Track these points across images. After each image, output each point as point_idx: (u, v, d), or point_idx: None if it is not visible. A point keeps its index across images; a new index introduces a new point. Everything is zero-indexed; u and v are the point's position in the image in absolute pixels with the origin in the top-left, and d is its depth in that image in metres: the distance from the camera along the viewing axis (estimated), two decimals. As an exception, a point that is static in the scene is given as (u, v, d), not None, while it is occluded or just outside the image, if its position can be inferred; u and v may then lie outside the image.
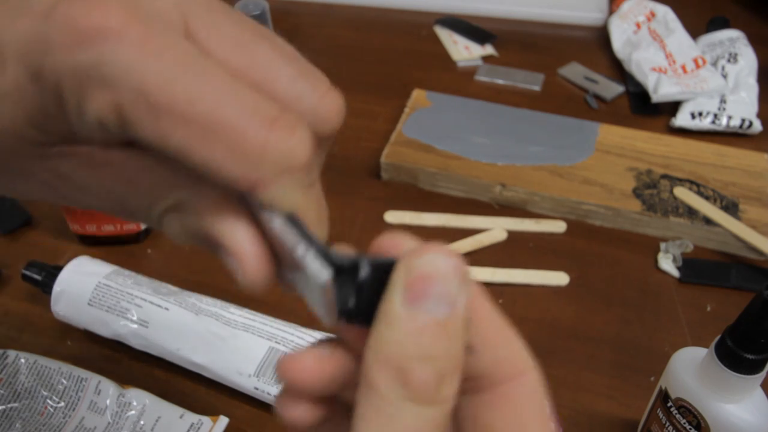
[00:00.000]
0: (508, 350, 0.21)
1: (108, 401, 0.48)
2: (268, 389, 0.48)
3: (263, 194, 0.19)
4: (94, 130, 0.19)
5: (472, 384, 0.21)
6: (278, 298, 0.56)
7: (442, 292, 0.18)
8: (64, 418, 0.48)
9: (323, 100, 0.22)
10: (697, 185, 0.65)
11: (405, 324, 0.18)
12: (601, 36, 0.89)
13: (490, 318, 0.21)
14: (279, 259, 0.21)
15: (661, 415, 0.43)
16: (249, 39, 0.21)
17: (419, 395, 0.18)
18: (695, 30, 0.82)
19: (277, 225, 0.20)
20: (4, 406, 0.48)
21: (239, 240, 0.20)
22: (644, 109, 0.77)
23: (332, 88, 0.23)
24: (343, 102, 0.23)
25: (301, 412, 0.22)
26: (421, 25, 0.92)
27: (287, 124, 0.19)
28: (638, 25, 0.83)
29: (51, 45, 0.18)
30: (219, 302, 0.53)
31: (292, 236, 0.20)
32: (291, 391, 0.22)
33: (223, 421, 0.48)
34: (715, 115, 0.73)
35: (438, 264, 0.18)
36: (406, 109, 0.74)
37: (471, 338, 0.20)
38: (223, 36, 0.20)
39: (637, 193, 0.64)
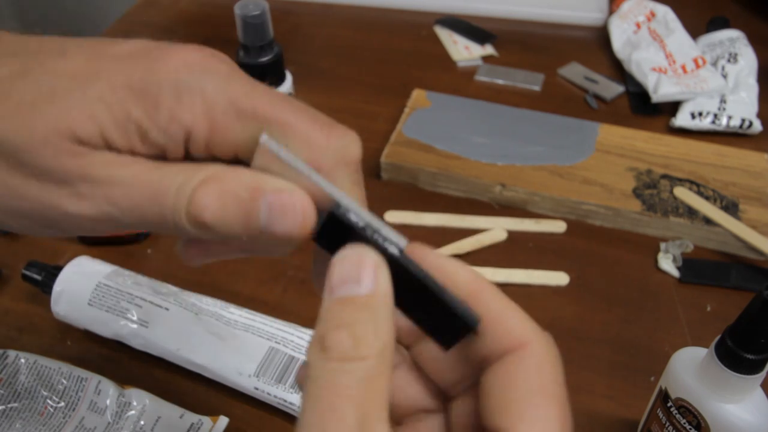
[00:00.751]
0: (511, 323, 0.24)
1: (108, 401, 0.48)
2: (268, 389, 0.48)
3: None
4: (174, 138, 0.24)
5: (485, 360, 0.23)
6: (278, 298, 0.56)
7: (356, 277, 0.22)
8: (64, 418, 0.48)
9: (350, 146, 0.28)
10: (697, 185, 0.65)
11: (326, 307, 0.22)
12: (601, 36, 0.89)
13: (491, 295, 0.25)
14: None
15: (661, 415, 0.43)
16: (281, 98, 0.26)
17: (336, 354, 0.21)
18: (695, 30, 0.82)
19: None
20: (4, 406, 0.48)
21: (288, 185, 0.24)
22: (644, 109, 0.77)
23: (355, 136, 0.28)
24: (360, 146, 0.28)
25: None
26: (421, 25, 0.92)
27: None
28: (638, 25, 0.83)
29: (154, 68, 0.24)
30: (219, 302, 0.53)
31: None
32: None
33: (223, 421, 0.48)
34: (715, 115, 0.73)
35: (353, 259, 0.23)
36: (406, 109, 0.74)
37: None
38: (261, 93, 0.25)
39: (637, 193, 0.64)
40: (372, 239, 0.23)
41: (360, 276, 0.22)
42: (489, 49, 0.86)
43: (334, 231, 0.24)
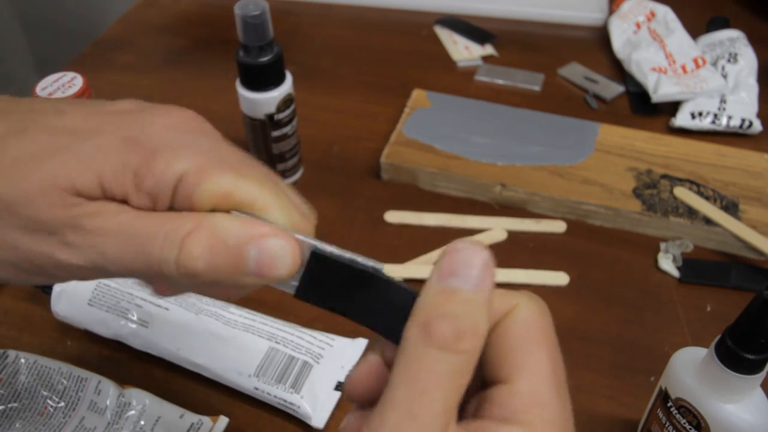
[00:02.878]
0: (499, 300, 0.25)
1: (108, 401, 0.48)
2: (268, 389, 0.48)
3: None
4: (166, 186, 0.25)
5: None
6: (278, 298, 0.56)
7: (466, 273, 0.23)
8: (64, 418, 0.48)
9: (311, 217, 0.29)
10: (697, 185, 0.65)
11: (434, 292, 0.23)
12: (601, 36, 0.89)
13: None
14: None
15: (661, 415, 0.43)
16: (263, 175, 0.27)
17: (438, 342, 0.22)
18: (695, 30, 0.82)
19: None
20: (4, 406, 0.48)
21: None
22: (644, 109, 0.77)
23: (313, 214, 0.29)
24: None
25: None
26: (421, 25, 0.92)
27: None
28: (638, 25, 0.83)
29: (153, 123, 0.26)
30: (219, 302, 0.53)
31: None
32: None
33: (223, 421, 0.48)
34: (715, 115, 0.73)
35: (468, 253, 0.24)
36: (406, 109, 0.74)
37: None
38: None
39: (637, 193, 0.64)
40: (355, 263, 0.25)
41: (470, 270, 0.23)
42: (489, 49, 0.86)
43: (317, 270, 0.25)
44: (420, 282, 0.61)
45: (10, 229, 0.26)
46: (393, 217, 0.65)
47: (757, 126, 0.73)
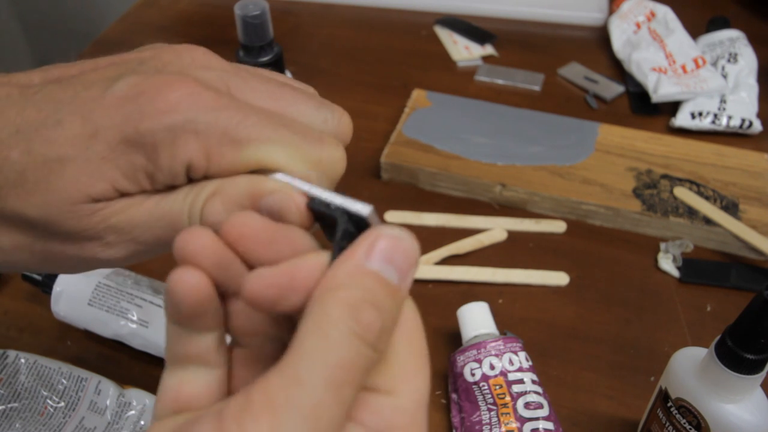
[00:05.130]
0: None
1: (108, 401, 0.48)
2: (268, 389, 0.48)
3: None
4: (178, 174, 0.26)
5: None
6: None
7: (400, 264, 0.22)
8: (64, 418, 0.48)
9: (341, 121, 0.30)
10: (697, 185, 0.65)
11: (366, 276, 0.21)
12: (601, 36, 0.89)
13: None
14: None
15: (661, 415, 0.43)
16: (275, 89, 0.28)
17: (364, 333, 0.20)
18: (695, 30, 0.82)
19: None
20: (4, 406, 0.48)
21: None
22: (644, 109, 0.77)
23: (344, 112, 0.30)
24: (351, 121, 0.30)
25: (190, 281, 0.23)
26: (421, 25, 0.92)
27: (331, 142, 0.28)
28: (638, 25, 0.83)
29: (145, 115, 0.25)
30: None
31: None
32: (184, 263, 0.24)
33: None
34: (715, 115, 0.73)
35: (408, 247, 0.23)
36: (406, 109, 0.74)
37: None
38: (256, 91, 0.28)
39: (637, 193, 0.64)
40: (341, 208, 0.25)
41: (408, 267, 0.22)
42: (489, 49, 0.86)
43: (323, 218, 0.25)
44: (419, 282, 0.61)
45: (53, 243, 0.27)
46: (393, 217, 0.65)
47: (757, 126, 0.73)
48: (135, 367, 0.53)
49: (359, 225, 0.24)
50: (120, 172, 0.26)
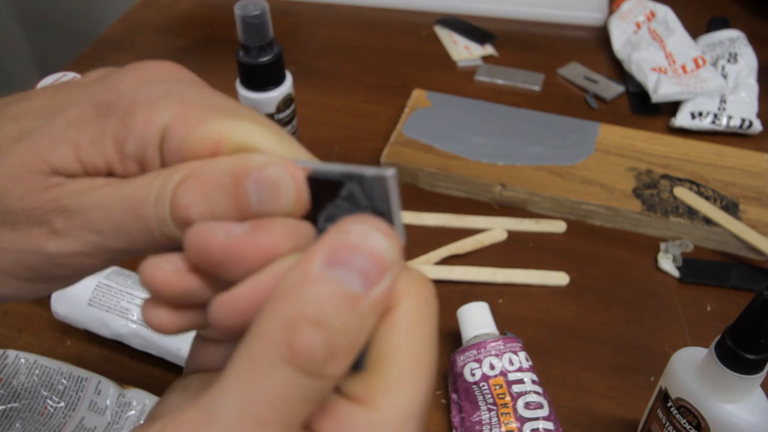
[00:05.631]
0: None
1: (108, 401, 0.48)
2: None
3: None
4: (151, 141, 0.22)
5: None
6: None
7: (362, 267, 0.18)
8: (64, 418, 0.48)
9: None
10: (697, 185, 0.65)
11: (313, 283, 0.18)
12: (601, 36, 0.89)
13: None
14: None
15: (661, 415, 0.43)
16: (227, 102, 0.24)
17: (298, 361, 0.17)
18: (695, 30, 0.82)
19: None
20: (4, 406, 0.48)
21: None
22: (644, 109, 0.77)
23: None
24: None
25: (162, 317, 0.21)
26: (421, 25, 0.92)
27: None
28: (638, 25, 0.83)
29: (124, 81, 0.23)
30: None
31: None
32: (154, 297, 0.22)
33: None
34: (715, 115, 0.73)
35: (370, 239, 0.18)
36: (406, 109, 0.74)
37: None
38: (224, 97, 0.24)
39: (637, 193, 0.64)
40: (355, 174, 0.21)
41: (363, 262, 0.18)
42: (489, 49, 0.86)
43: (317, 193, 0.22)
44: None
45: None
46: (393, 217, 0.65)
47: (757, 126, 0.73)
48: (135, 367, 0.53)
49: (373, 199, 0.20)
50: (86, 135, 0.22)
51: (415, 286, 0.20)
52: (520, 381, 0.47)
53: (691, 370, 0.40)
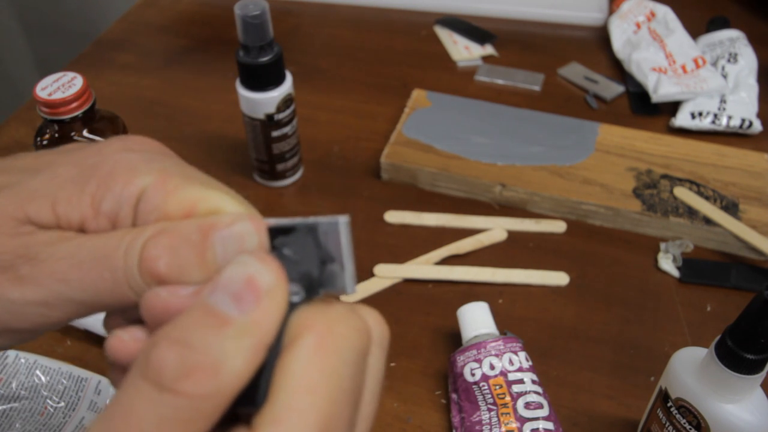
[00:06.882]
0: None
1: (108, 401, 0.48)
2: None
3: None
4: (128, 201, 0.23)
5: None
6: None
7: (236, 291, 0.19)
8: (64, 418, 0.48)
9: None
10: (697, 185, 0.65)
11: (191, 308, 0.19)
12: (601, 36, 0.89)
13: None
14: None
15: (661, 415, 0.43)
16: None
17: (150, 374, 0.17)
18: (695, 30, 0.82)
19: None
20: (4, 406, 0.48)
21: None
22: (644, 109, 0.77)
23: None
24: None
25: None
26: (421, 25, 0.92)
27: None
28: (638, 25, 0.83)
29: (104, 151, 0.24)
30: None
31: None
32: (116, 365, 0.23)
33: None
34: (715, 115, 0.73)
35: (248, 266, 0.19)
36: (406, 109, 0.74)
37: None
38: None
39: (637, 193, 0.64)
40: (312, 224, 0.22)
41: (251, 299, 0.19)
42: (489, 49, 0.86)
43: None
44: (419, 282, 0.61)
45: None
46: (393, 217, 0.65)
47: (757, 126, 0.73)
48: (135, 367, 0.53)
49: (326, 245, 0.22)
50: (65, 191, 0.23)
51: (326, 319, 0.21)
52: (520, 381, 0.47)
53: (691, 370, 0.40)
